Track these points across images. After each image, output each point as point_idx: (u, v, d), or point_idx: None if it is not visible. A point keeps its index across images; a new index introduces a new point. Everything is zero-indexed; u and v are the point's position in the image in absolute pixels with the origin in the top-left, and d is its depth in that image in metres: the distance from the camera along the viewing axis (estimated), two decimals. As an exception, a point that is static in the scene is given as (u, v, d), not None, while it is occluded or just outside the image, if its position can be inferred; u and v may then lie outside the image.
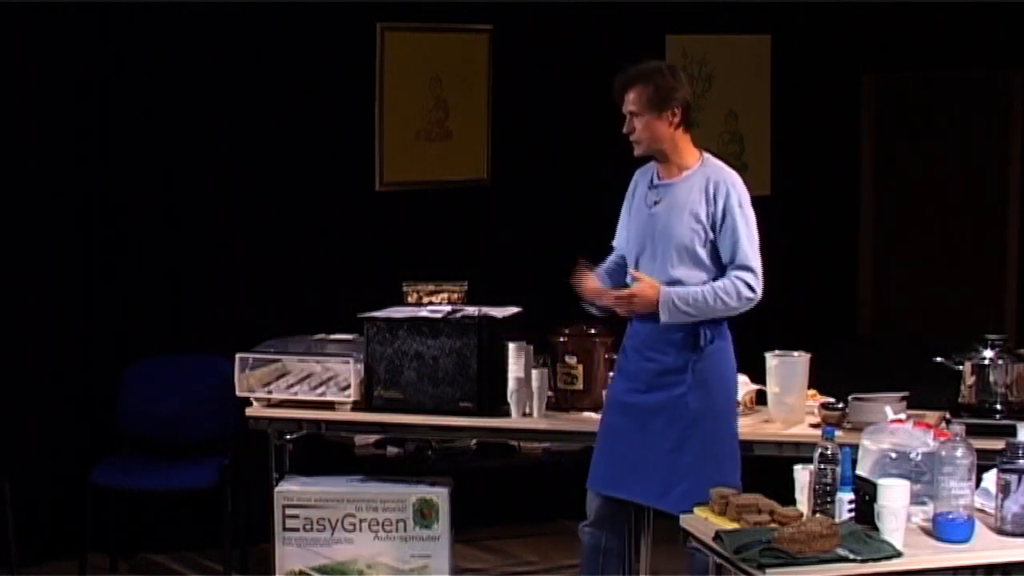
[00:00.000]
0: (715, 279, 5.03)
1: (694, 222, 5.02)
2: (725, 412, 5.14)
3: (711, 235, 5.03)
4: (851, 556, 4.12)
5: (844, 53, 7.51)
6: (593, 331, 5.82)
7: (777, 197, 7.47)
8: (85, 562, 6.40)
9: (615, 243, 5.41)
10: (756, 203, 7.38)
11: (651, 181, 5.17)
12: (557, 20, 7.18)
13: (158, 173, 6.80)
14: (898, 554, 4.18)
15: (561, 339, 5.77)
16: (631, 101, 5.05)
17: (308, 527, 5.84)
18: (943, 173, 7.72)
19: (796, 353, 5.55)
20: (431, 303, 6.13)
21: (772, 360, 5.53)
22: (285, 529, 5.83)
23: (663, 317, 5.02)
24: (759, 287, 5.02)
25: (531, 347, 5.77)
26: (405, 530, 5.82)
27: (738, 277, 5.00)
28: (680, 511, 5.03)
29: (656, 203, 5.12)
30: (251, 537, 6.43)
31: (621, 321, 5.94)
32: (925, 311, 7.61)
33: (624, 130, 5.09)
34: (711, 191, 5.03)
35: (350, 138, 7.00)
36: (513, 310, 5.77)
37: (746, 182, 5.11)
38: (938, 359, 5.29)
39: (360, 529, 5.84)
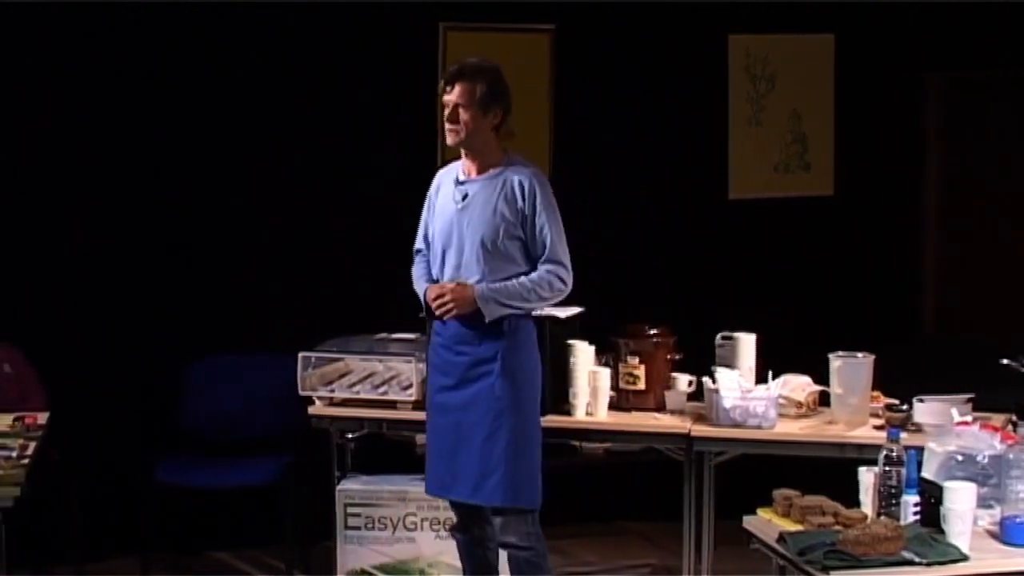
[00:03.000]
0: (523, 274, 5.13)
1: (502, 218, 5.12)
2: (531, 400, 5.24)
3: (519, 231, 5.14)
4: (916, 559, 4.10)
5: (908, 52, 7.44)
6: (654, 332, 5.81)
7: (840, 197, 7.43)
8: (148, 559, 6.45)
9: (418, 245, 5.46)
10: (819, 203, 7.44)
11: (456, 179, 5.26)
12: (619, 20, 7.16)
13: (221, 173, 6.84)
14: (964, 558, 4.15)
15: (623, 340, 5.78)
16: (459, 93, 5.13)
17: (370, 526, 5.86)
18: (1008, 173, 7.62)
19: (860, 354, 5.52)
20: (493, 303, 6.12)
21: (835, 361, 5.50)
22: (347, 528, 5.86)
23: (487, 314, 5.11)
24: (569, 280, 5.18)
25: (593, 347, 5.78)
26: (466, 529, 5.82)
27: (549, 271, 5.13)
28: (495, 502, 5.16)
29: (464, 198, 5.21)
30: (313, 535, 6.45)
31: (684, 323, 5.95)
32: (990, 312, 7.53)
33: (447, 117, 5.16)
34: (518, 189, 5.13)
35: (412, 137, 7.01)
36: (575, 310, 5.76)
37: (809, 182, 5.07)
38: (1004, 361, 5.24)
39: (421, 528, 5.86)
